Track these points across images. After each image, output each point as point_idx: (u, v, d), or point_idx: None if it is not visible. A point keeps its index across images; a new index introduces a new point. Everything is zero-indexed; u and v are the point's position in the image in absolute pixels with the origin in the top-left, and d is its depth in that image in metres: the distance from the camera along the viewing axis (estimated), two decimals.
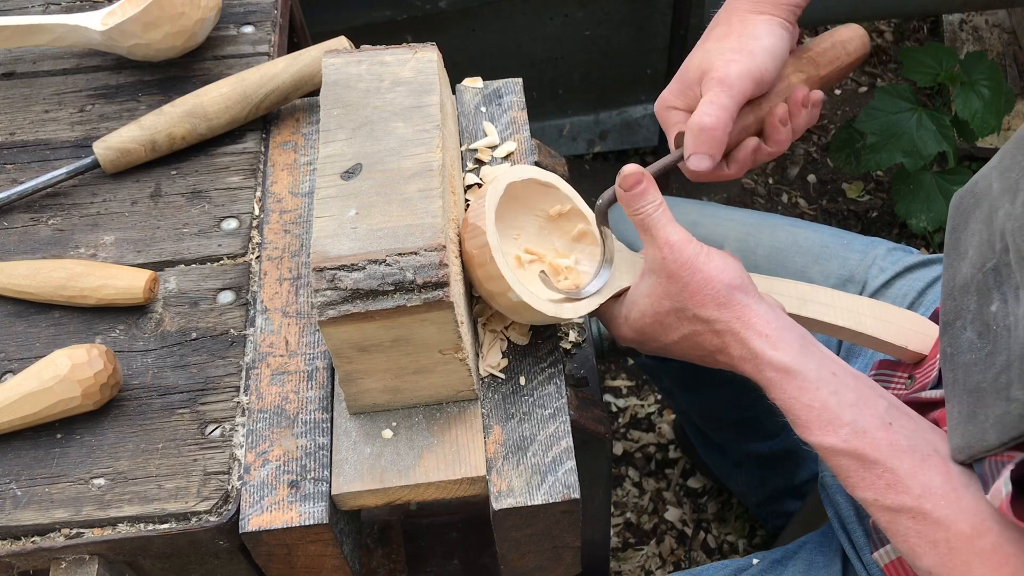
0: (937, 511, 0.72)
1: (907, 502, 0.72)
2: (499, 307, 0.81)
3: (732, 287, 0.79)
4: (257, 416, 0.82)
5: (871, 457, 0.74)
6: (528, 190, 0.86)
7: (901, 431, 0.75)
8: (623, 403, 2.00)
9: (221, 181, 0.98)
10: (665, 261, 0.80)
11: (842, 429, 0.75)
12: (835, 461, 0.76)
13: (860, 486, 0.75)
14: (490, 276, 0.79)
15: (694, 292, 0.79)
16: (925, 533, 0.72)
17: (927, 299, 1.09)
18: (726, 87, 0.84)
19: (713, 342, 0.80)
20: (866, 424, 0.75)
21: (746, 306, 0.79)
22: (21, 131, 1.03)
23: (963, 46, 2.33)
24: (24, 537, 0.78)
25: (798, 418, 0.77)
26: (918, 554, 0.73)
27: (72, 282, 0.88)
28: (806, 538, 1.09)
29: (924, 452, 0.74)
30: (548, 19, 1.93)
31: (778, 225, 1.23)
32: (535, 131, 2.13)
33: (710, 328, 0.80)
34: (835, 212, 2.25)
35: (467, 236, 0.80)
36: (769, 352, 0.77)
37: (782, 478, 1.59)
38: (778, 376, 0.77)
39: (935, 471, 0.73)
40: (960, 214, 0.74)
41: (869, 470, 0.74)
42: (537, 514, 0.79)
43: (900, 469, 0.73)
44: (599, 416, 0.91)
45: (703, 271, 0.79)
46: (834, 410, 0.75)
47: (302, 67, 0.98)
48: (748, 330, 0.78)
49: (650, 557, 1.81)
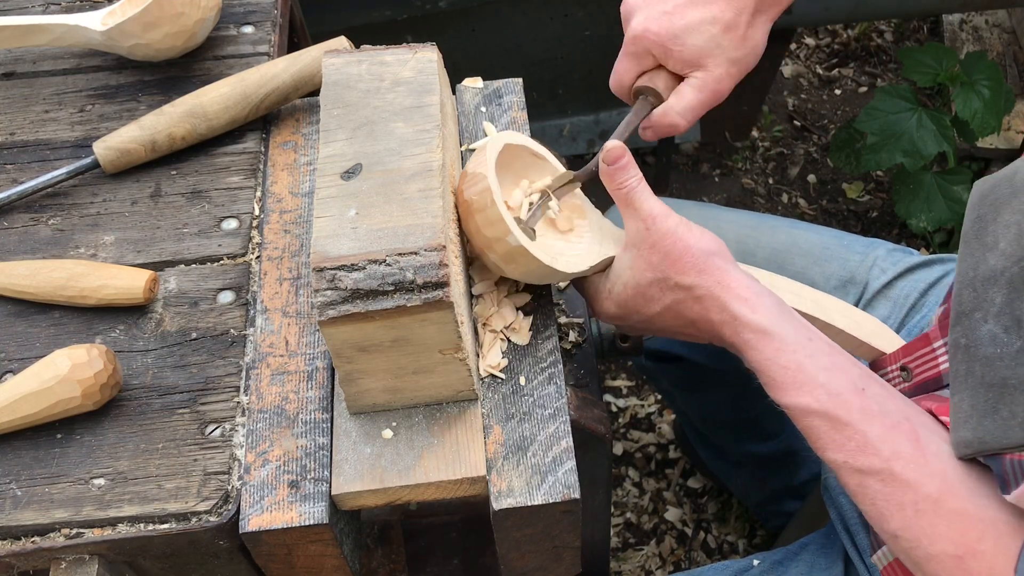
0: (905, 473, 0.73)
1: (876, 464, 0.74)
2: (495, 256, 0.81)
3: (710, 253, 0.81)
4: (257, 416, 0.82)
5: (843, 419, 0.75)
6: (521, 160, 0.87)
7: (873, 397, 0.76)
8: (623, 403, 2.00)
9: (221, 181, 0.98)
10: (648, 232, 0.83)
11: (816, 390, 0.76)
12: (807, 422, 0.77)
13: (830, 447, 0.76)
14: (489, 221, 0.79)
15: (675, 260, 0.81)
16: (892, 495, 0.73)
17: (930, 299, 1.09)
18: (715, 99, 0.93)
19: (694, 309, 0.82)
20: (839, 387, 0.76)
21: (725, 271, 0.81)
22: (21, 131, 1.03)
23: (963, 46, 2.33)
24: (24, 537, 0.78)
25: (773, 379, 0.78)
26: (885, 516, 0.74)
27: (72, 282, 0.88)
28: (807, 539, 1.09)
29: (895, 418, 0.75)
30: (548, 19, 1.93)
31: (778, 226, 1.23)
32: (535, 131, 2.13)
33: (691, 295, 0.81)
34: (835, 212, 2.25)
35: (466, 186, 0.81)
36: (748, 314, 0.79)
37: (782, 479, 1.59)
38: (756, 337, 0.78)
39: (904, 437, 0.74)
40: (989, 204, 0.73)
41: (840, 432, 0.75)
42: (537, 514, 0.79)
43: (871, 432, 0.74)
44: (599, 416, 0.91)
45: (683, 240, 0.81)
46: (809, 372, 0.77)
47: (302, 67, 0.98)
48: (727, 293, 0.80)
49: (650, 557, 1.81)
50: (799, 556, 1.07)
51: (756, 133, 2.38)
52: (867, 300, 1.12)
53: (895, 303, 1.10)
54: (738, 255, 1.19)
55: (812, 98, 2.45)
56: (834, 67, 2.50)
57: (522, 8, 1.90)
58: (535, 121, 2.11)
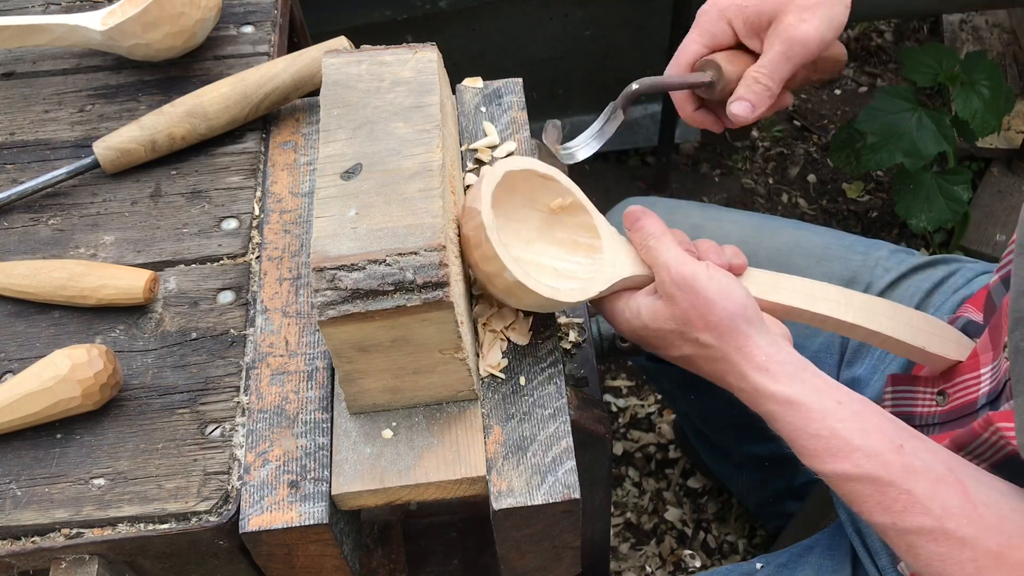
0: (960, 531, 0.70)
1: (927, 523, 0.71)
2: (496, 291, 0.81)
3: (734, 315, 0.78)
4: (257, 416, 0.82)
5: (885, 479, 0.72)
6: (528, 183, 0.86)
7: (913, 452, 0.73)
8: (623, 403, 2.00)
9: (221, 181, 0.98)
10: (665, 284, 0.81)
11: (854, 454, 0.73)
12: (848, 488, 0.74)
13: (876, 511, 0.73)
14: (486, 257, 0.79)
15: (694, 318, 0.78)
16: (950, 555, 0.70)
17: (934, 300, 1.08)
18: (791, 46, 0.85)
19: (712, 367, 0.80)
20: (877, 447, 0.73)
21: (747, 336, 0.77)
22: (21, 131, 1.03)
23: (963, 46, 2.33)
24: (24, 537, 0.78)
25: (805, 448, 0.75)
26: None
27: (72, 282, 0.88)
28: (812, 541, 1.08)
29: (939, 472, 0.72)
30: (548, 19, 1.93)
31: (780, 227, 1.23)
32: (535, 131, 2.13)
33: (708, 353, 0.79)
34: (835, 212, 2.25)
35: (464, 220, 0.80)
36: (770, 386, 0.76)
37: (783, 479, 1.59)
38: (781, 409, 0.76)
39: (952, 490, 0.71)
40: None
41: (884, 494, 0.72)
42: (537, 514, 0.79)
43: (916, 490, 0.71)
44: (599, 416, 0.91)
45: (704, 295, 0.78)
46: (843, 437, 0.74)
47: (302, 67, 0.98)
48: (747, 363, 0.77)
49: (650, 557, 1.81)
50: (805, 559, 1.06)
51: (756, 133, 2.38)
52: None
53: (900, 303, 1.10)
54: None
55: (812, 98, 2.45)
56: None
57: (522, 8, 1.90)
58: (535, 121, 2.10)
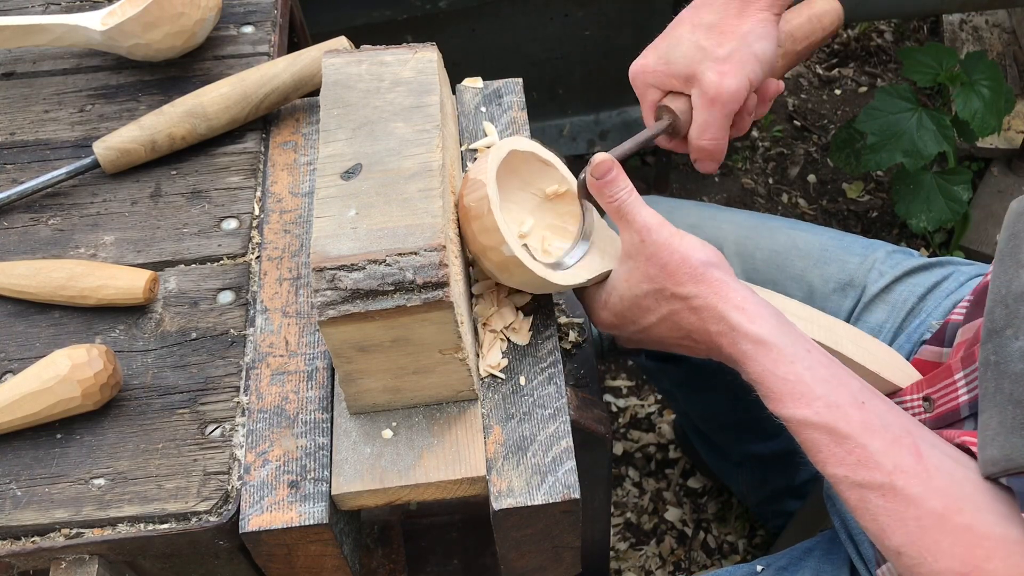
0: (908, 488, 0.72)
1: (877, 478, 0.73)
2: (490, 264, 0.81)
3: (708, 264, 0.80)
4: (257, 416, 0.82)
5: (843, 431, 0.74)
6: (528, 166, 0.87)
7: (874, 410, 0.75)
8: (623, 403, 2.00)
9: (221, 181, 0.98)
10: (643, 244, 0.82)
11: (815, 402, 0.75)
12: (806, 435, 0.76)
13: (831, 461, 0.75)
14: (485, 228, 0.79)
15: (672, 271, 0.81)
16: (895, 511, 0.72)
17: (927, 304, 1.08)
18: (720, 105, 0.88)
19: (691, 319, 0.81)
20: (839, 399, 0.75)
21: (723, 282, 0.80)
22: (21, 131, 1.03)
23: (963, 46, 2.33)
24: (24, 537, 0.78)
25: (771, 390, 0.78)
26: (887, 532, 0.73)
27: (72, 282, 0.88)
28: (811, 544, 1.08)
29: (896, 432, 0.74)
30: (548, 19, 1.93)
31: (777, 227, 1.23)
32: (535, 131, 2.13)
33: (688, 305, 0.81)
34: (835, 212, 2.25)
35: (466, 192, 0.81)
36: (746, 324, 0.78)
37: (783, 478, 1.59)
38: (754, 348, 0.78)
39: (906, 451, 0.73)
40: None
41: (840, 445, 0.74)
42: (537, 514, 0.79)
43: (871, 446, 0.73)
44: (599, 416, 0.91)
45: (679, 251, 0.81)
46: (808, 383, 0.76)
47: (302, 67, 0.98)
48: (725, 303, 0.79)
49: (650, 557, 1.81)
50: (804, 562, 1.06)
51: (756, 133, 2.38)
52: (865, 304, 1.11)
53: (893, 307, 1.09)
54: (737, 257, 1.19)
55: (812, 98, 2.45)
56: (834, 67, 2.50)
57: (522, 8, 1.90)
58: (535, 121, 2.11)
